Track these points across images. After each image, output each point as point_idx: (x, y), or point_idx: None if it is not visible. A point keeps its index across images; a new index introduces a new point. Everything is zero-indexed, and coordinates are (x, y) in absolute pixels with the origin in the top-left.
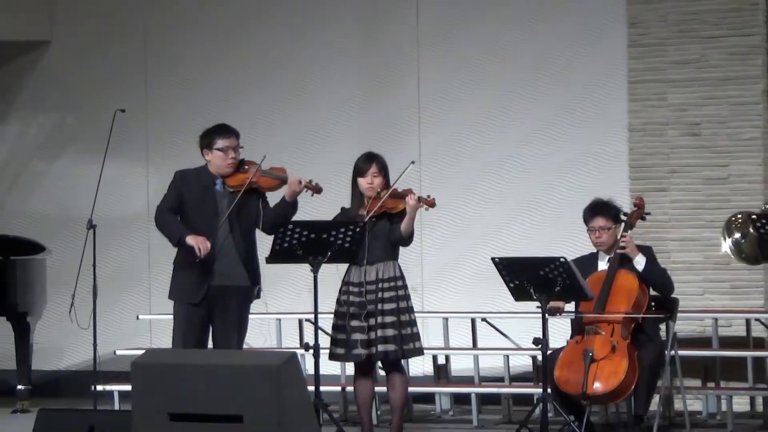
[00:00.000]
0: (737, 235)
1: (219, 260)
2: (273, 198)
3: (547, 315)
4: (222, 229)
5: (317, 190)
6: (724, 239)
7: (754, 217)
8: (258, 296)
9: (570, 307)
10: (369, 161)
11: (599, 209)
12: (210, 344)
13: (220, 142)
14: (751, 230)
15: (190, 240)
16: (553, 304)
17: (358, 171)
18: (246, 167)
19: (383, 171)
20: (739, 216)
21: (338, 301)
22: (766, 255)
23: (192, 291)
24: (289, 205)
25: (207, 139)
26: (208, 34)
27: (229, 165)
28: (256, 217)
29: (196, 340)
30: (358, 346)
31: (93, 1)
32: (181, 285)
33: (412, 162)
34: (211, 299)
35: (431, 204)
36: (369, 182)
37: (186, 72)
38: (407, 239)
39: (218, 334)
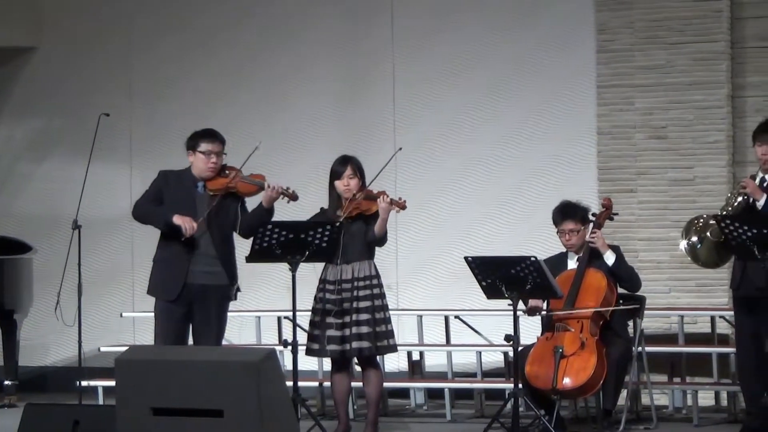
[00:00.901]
0: (694, 239)
1: (198, 260)
2: (251, 203)
3: (527, 315)
4: (201, 231)
5: (293, 197)
6: (682, 238)
7: (719, 217)
8: (235, 297)
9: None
10: (344, 164)
11: (568, 213)
12: (190, 341)
13: (204, 146)
14: (709, 235)
15: (177, 219)
16: (532, 303)
17: (335, 174)
18: (227, 172)
19: (359, 172)
20: (701, 219)
21: (315, 298)
22: (723, 259)
23: (169, 288)
24: (266, 211)
25: (192, 141)
26: (191, 41)
27: (209, 169)
28: (234, 220)
29: (177, 338)
30: (331, 343)
31: (79, 9)
32: (159, 282)
33: (400, 148)
34: (191, 298)
35: (402, 206)
36: (345, 184)
37: (169, 77)
38: (381, 240)
39: (198, 332)
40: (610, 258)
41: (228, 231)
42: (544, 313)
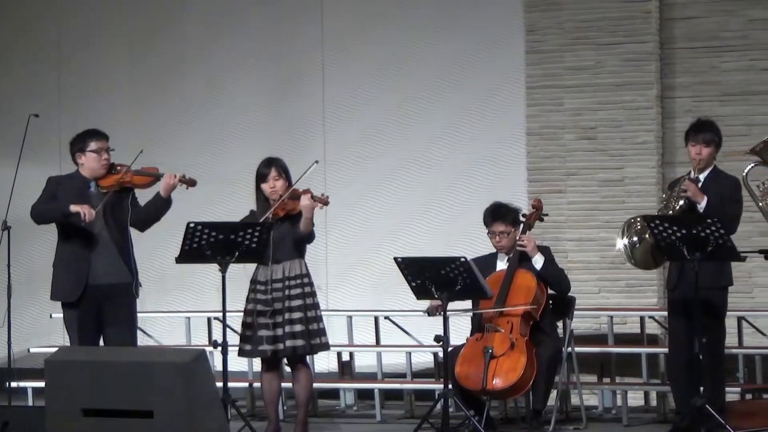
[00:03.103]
0: (634, 239)
1: (99, 259)
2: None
3: (428, 315)
4: (99, 229)
5: (191, 183)
6: (621, 237)
7: (648, 218)
8: (137, 294)
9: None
10: (268, 166)
11: (499, 215)
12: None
13: (93, 144)
14: (647, 237)
15: (75, 207)
16: (433, 303)
17: (260, 177)
18: (118, 168)
19: (284, 174)
20: (638, 219)
21: (247, 299)
22: (657, 261)
23: (70, 290)
24: (163, 201)
25: (80, 144)
26: (120, 42)
27: (103, 166)
28: (128, 214)
29: (91, 343)
30: (264, 342)
31: (7, 10)
32: (61, 285)
33: (316, 161)
34: (99, 299)
35: (324, 202)
36: (271, 186)
37: (98, 78)
38: (308, 237)
39: (111, 332)
40: (538, 261)
41: (124, 226)
42: (464, 311)
